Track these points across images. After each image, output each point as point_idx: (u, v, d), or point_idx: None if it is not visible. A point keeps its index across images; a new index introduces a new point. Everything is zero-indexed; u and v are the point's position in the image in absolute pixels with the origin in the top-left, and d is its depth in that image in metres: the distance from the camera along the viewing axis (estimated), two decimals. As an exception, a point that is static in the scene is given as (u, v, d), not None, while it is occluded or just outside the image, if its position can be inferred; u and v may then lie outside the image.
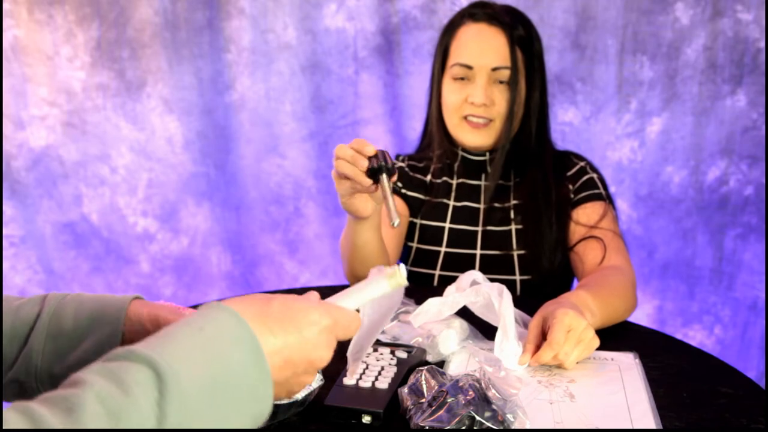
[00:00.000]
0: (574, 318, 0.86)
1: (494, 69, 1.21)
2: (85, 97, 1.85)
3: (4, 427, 0.37)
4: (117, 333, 0.62)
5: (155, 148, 1.92)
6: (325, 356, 0.54)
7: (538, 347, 0.86)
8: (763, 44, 1.73)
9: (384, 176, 0.92)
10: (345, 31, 1.88)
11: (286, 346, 0.51)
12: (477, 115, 1.23)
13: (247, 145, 1.95)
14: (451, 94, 1.25)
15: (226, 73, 1.90)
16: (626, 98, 1.84)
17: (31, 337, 0.62)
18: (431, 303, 0.89)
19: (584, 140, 1.87)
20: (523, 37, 1.22)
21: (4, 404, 0.44)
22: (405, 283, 0.64)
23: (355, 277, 1.17)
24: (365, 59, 1.90)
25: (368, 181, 0.94)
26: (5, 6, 1.76)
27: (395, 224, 0.87)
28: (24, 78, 1.81)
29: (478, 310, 0.91)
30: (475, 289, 0.90)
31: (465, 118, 1.24)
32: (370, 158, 0.94)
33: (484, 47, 1.21)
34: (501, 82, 1.22)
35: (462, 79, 1.23)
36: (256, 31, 1.87)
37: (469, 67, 1.22)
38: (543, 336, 0.88)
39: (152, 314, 0.64)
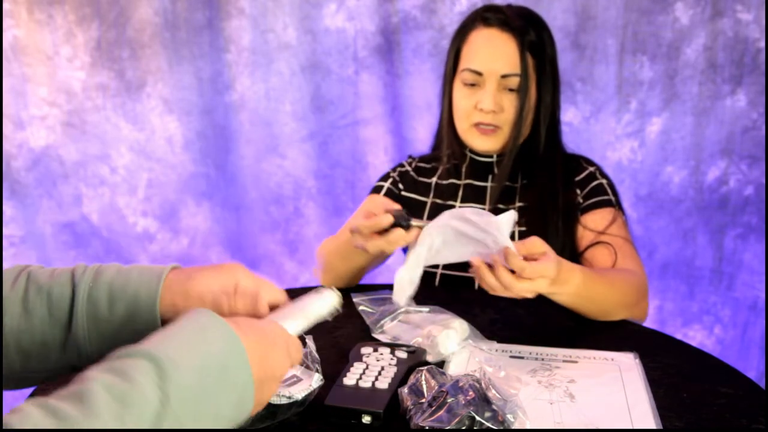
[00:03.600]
0: (553, 261, 0.86)
1: (504, 76, 1.19)
2: (85, 97, 1.85)
3: (26, 419, 0.43)
4: (155, 320, 0.65)
5: (155, 148, 1.92)
6: (286, 366, 0.61)
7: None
8: (763, 44, 1.73)
9: (411, 224, 0.90)
10: (345, 31, 1.87)
11: (258, 344, 0.57)
12: (486, 123, 1.23)
13: (247, 145, 1.95)
14: (461, 99, 1.24)
15: (226, 73, 1.90)
16: (626, 98, 1.84)
17: (73, 322, 0.63)
18: (402, 272, 0.86)
19: (584, 140, 1.87)
20: (534, 42, 1.20)
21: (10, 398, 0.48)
22: (339, 309, 0.72)
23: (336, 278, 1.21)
24: (365, 59, 1.90)
25: (411, 236, 0.90)
26: (5, 6, 1.76)
27: None
28: (24, 78, 1.81)
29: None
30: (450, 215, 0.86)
31: (475, 124, 1.24)
32: (390, 212, 0.91)
33: (494, 53, 1.20)
34: (511, 90, 1.21)
35: (472, 85, 1.23)
36: (256, 31, 1.87)
37: (479, 74, 1.21)
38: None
39: (183, 291, 0.66)
